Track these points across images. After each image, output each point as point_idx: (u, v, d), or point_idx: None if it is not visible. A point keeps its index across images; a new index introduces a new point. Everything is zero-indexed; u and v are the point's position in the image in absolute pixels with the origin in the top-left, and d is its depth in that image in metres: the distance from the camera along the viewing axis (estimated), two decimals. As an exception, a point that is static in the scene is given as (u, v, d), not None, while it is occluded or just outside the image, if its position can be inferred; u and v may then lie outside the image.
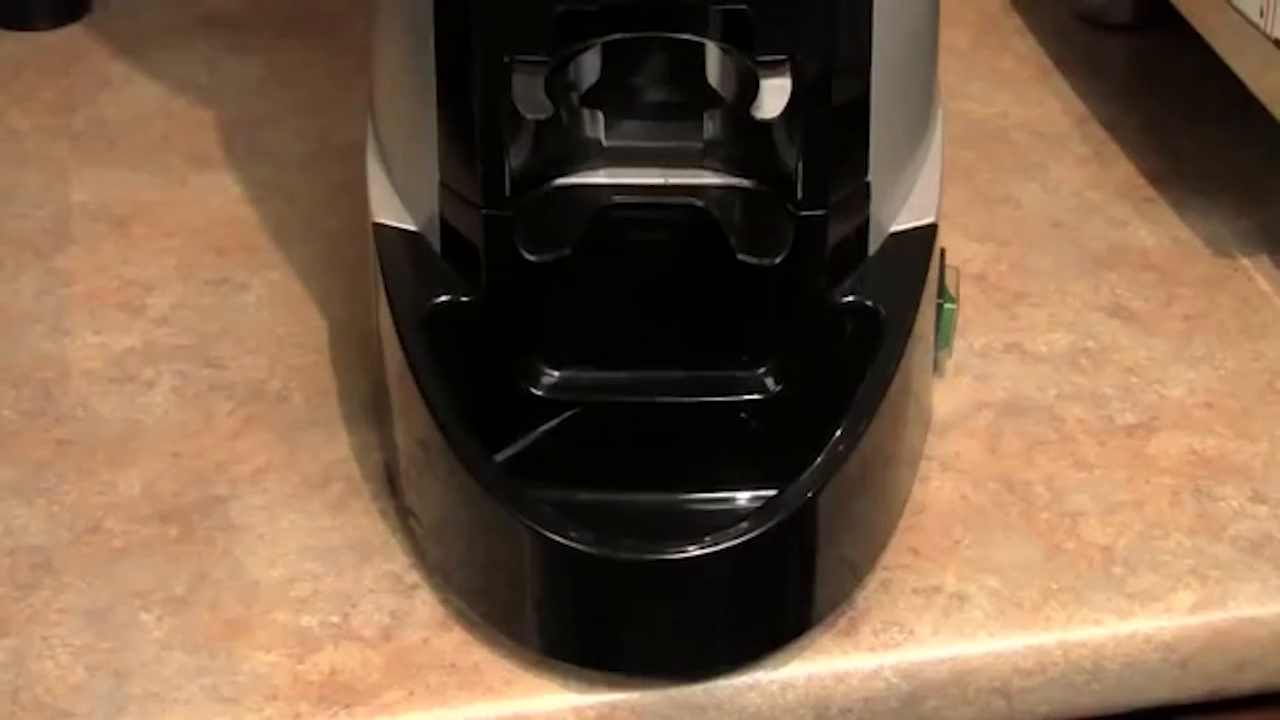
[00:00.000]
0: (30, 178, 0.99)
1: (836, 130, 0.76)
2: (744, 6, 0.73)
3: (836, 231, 0.77)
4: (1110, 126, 1.03)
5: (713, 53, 0.77)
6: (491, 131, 0.75)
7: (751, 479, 0.74)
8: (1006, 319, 0.90)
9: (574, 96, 0.78)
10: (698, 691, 0.73)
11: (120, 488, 0.81)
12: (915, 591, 0.77)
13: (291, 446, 0.83)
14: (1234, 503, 0.81)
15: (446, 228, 0.78)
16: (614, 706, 0.73)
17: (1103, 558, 0.79)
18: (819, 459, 0.73)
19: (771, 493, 0.72)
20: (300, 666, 0.74)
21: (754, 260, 0.76)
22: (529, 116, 0.75)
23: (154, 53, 1.08)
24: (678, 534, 0.71)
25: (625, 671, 0.73)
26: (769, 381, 0.77)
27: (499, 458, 0.74)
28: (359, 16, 0.84)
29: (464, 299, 0.78)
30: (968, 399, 0.86)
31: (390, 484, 0.81)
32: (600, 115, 0.78)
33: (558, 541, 0.71)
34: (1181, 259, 0.94)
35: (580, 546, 0.71)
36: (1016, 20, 1.12)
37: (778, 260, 0.76)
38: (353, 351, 0.87)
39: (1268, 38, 0.89)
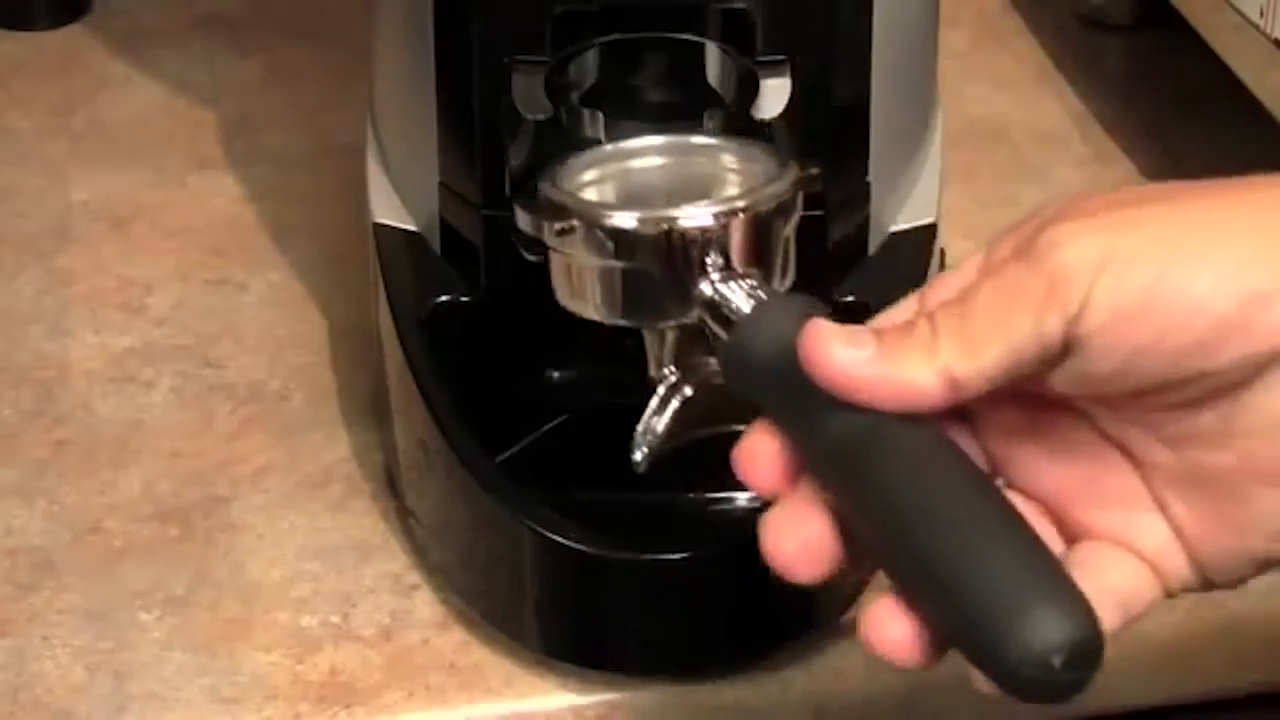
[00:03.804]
0: (30, 178, 0.99)
1: (836, 130, 0.76)
2: (744, 6, 0.73)
3: (836, 231, 0.77)
4: (1110, 126, 1.03)
5: (713, 53, 0.77)
6: (491, 131, 0.75)
7: (751, 479, 0.73)
8: (1006, 319, 0.90)
9: (574, 96, 0.78)
10: (698, 691, 0.73)
11: (120, 488, 0.81)
12: (915, 591, 0.77)
13: (291, 446, 0.83)
14: (1234, 503, 0.81)
15: (446, 228, 0.78)
16: (614, 706, 0.73)
17: (1103, 558, 0.78)
18: (819, 459, 0.73)
19: (771, 493, 0.72)
20: (300, 666, 0.74)
21: (754, 260, 0.75)
22: (529, 116, 0.75)
23: (154, 53, 1.08)
24: (677, 535, 0.71)
25: (625, 671, 0.73)
26: (769, 381, 0.77)
27: (499, 458, 0.74)
28: (359, 16, 0.84)
29: (464, 299, 0.78)
30: (968, 399, 0.86)
31: (390, 484, 0.81)
32: (600, 115, 0.78)
33: (558, 541, 0.71)
34: (1181, 259, 0.94)
35: (580, 546, 0.71)
36: (1016, 20, 1.12)
37: (777, 260, 0.76)
38: (353, 351, 0.87)
39: (1268, 38, 0.89)
